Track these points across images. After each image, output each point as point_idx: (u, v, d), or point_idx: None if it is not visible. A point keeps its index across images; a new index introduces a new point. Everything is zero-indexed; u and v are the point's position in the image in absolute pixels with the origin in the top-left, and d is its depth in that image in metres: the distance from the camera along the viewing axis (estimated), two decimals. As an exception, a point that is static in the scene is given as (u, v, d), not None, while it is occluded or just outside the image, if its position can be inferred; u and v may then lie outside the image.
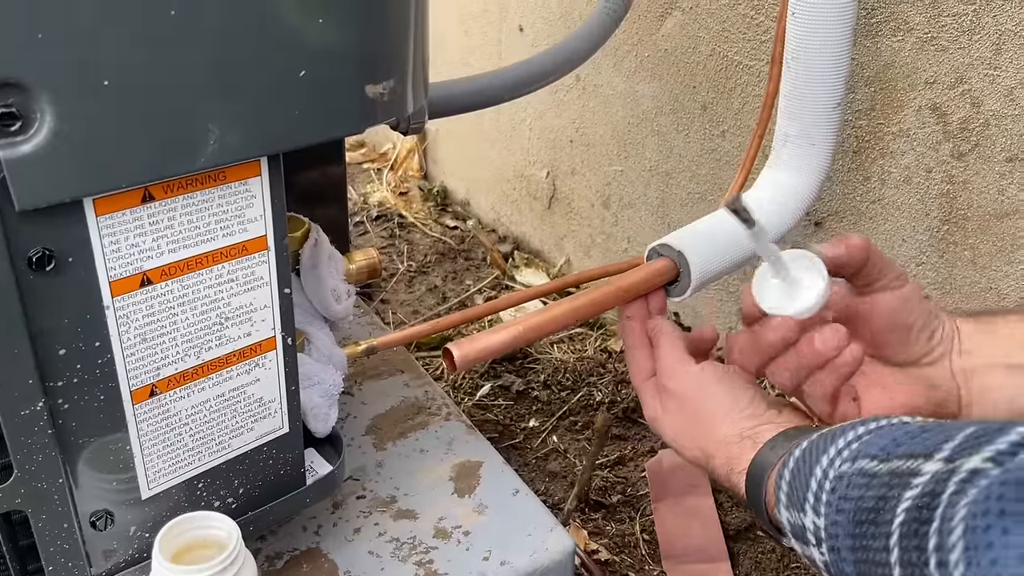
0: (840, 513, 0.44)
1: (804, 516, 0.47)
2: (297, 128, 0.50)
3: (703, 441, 0.60)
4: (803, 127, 0.84)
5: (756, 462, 0.55)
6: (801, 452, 0.50)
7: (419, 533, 0.73)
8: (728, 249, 0.75)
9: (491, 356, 0.65)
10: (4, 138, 0.40)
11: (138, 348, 0.51)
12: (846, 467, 0.45)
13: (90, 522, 0.53)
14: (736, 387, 0.60)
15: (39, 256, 0.45)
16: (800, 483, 0.48)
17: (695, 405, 0.61)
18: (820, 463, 0.47)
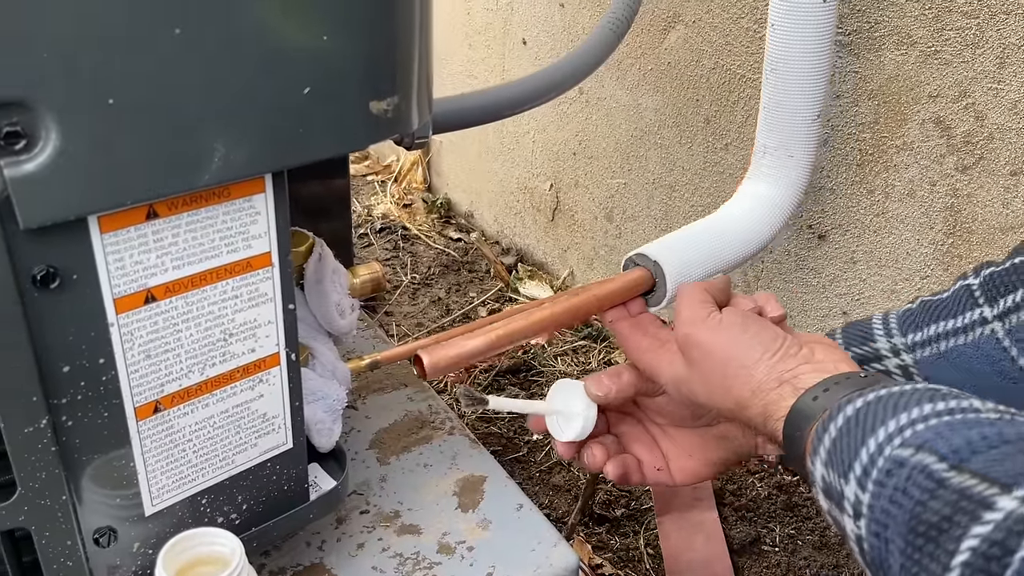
0: (895, 505, 0.42)
1: (846, 484, 0.45)
2: (301, 145, 0.50)
3: (738, 391, 0.56)
4: (781, 139, 0.84)
5: (796, 410, 0.52)
6: (855, 412, 0.47)
7: (423, 548, 0.73)
8: (708, 257, 0.76)
9: (464, 363, 0.65)
10: (9, 157, 0.41)
11: (142, 365, 0.51)
12: (907, 453, 0.43)
13: (93, 539, 0.53)
14: (764, 330, 0.58)
15: (43, 274, 0.45)
16: (848, 447, 0.46)
17: (727, 355, 0.57)
18: (875, 435, 0.45)
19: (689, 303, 0.61)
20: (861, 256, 1.04)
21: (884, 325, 0.65)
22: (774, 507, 1.08)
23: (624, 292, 0.70)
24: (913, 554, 0.40)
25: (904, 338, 0.63)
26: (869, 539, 0.43)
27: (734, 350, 0.57)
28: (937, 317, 0.62)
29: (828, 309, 1.10)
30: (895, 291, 1.01)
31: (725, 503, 1.07)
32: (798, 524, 1.06)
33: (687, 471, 0.69)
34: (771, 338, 0.57)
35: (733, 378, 0.57)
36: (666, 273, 0.71)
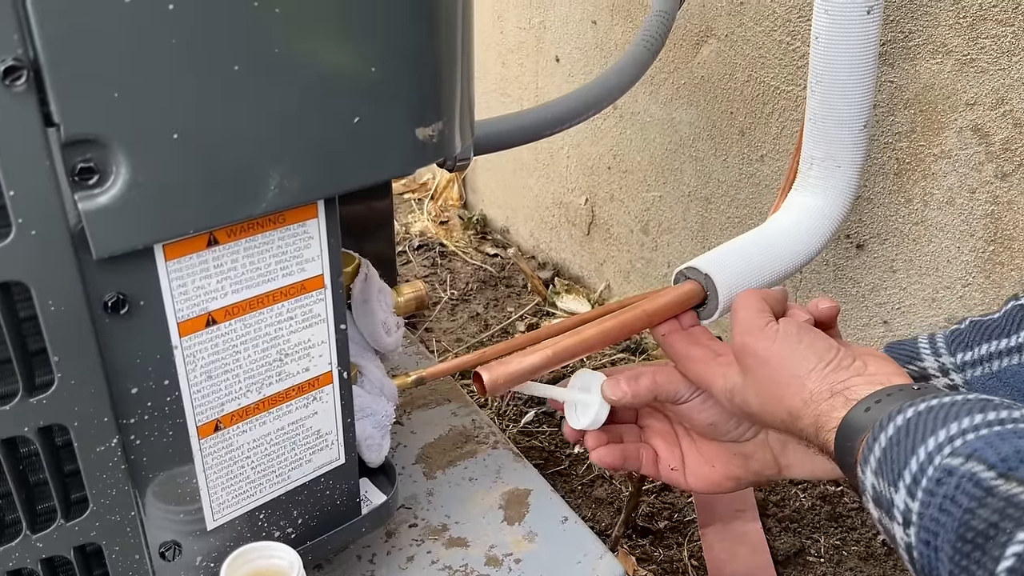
0: (944, 513, 0.42)
1: (896, 492, 0.45)
2: (351, 171, 0.52)
3: (790, 401, 0.57)
4: (828, 149, 0.84)
5: (848, 421, 0.52)
6: (905, 422, 0.47)
7: (471, 561, 0.74)
8: (758, 270, 0.76)
9: (522, 380, 0.66)
10: (83, 191, 0.43)
11: (204, 385, 0.53)
12: (957, 462, 0.43)
13: (160, 553, 0.55)
14: (818, 340, 0.58)
15: (114, 300, 0.47)
16: (898, 456, 0.46)
17: (780, 363, 0.58)
18: (926, 444, 0.45)
19: (746, 311, 0.61)
20: (901, 265, 1.04)
21: (931, 344, 0.64)
22: (818, 518, 1.08)
23: (675, 306, 0.70)
24: (961, 561, 0.40)
25: (953, 357, 0.62)
26: (919, 547, 0.44)
27: (788, 360, 0.57)
28: (988, 336, 0.61)
29: (868, 319, 1.10)
30: (936, 299, 1.01)
31: (768, 514, 1.07)
32: (843, 535, 1.06)
33: (704, 478, 0.70)
34: (825, 348, 0.57)
35: (786, 387, 0.57)
36: (717, 286, 0.72)
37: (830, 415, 0.54)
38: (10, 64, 0.38)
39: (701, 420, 0.68)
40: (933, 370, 0.63)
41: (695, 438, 0.71)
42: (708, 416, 0.67)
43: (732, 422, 0.67)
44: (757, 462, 0.68)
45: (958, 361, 0.62)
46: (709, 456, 0.70)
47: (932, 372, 0.63)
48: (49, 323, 0.45)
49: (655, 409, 0.73)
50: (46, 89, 0.40)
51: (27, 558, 0.50)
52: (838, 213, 0.87)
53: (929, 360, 0.63)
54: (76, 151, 0.42)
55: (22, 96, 0.39)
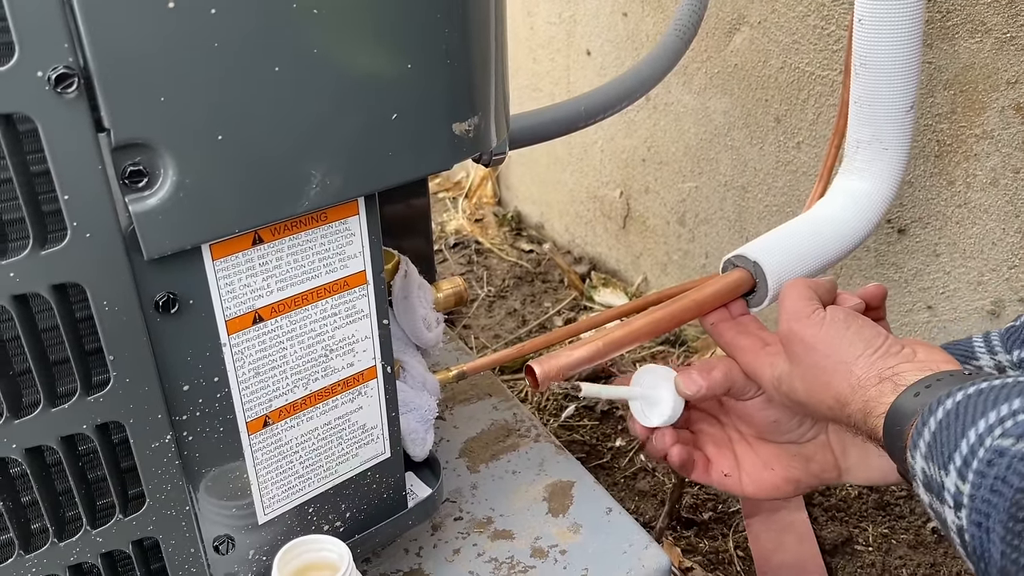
0: (995, 494, 0.42)
1: (946, 475, 0.45)
2: (390, 168, 0.53)
3: (837, 387, 0.56)
4: (875, 132, 0.83)
5: (897, 406, 0.51)
6: (955, 405, 0.47)
7: (516, 553, 0.74)
8: (806, 256, 0.76)
9: (572, 372, 0.66)
10: (133, 193, 0.44)
11: (252, 381, 0.55)
12: (1008, 443, 0.43)
13: (214, 547, 0.57)
14: (866, 327, 0.58)
15: (164, 300, 0.48)
16: (948, 439, 0.46)
17: (828, 350, 0.57)
18: (976, 426, 0.45)
19: (794, 298, 0.61)
20: (944, 248, 1.02)
21: (986, 343, 0.63)
22: (865, 506, 1.07)
23: (724, 294, 0.70)
24: (1013, 540, 0.40)
25: (1009, 355, 0.61)
26: (971, 529, 0.44)
27: (836, 346, 0.57)
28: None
29: (912, 304, 1.08)
30: (982, 283, 0.99)
31: (814, 503, 1.06)
32: (891, 523, 1.04)
33: (762, 483, 0.68)
34: (873, 335, 0.57)
35: (833, 373, 0.57)
36: (766, 273, 0.71)
37: (879, 401, 0.53)
38: (62, 72, 0.40)
39: (765, 417, 0.67)
40: (989, 368, 0.62)
41: (751, 441, 0.70)
42: (772, 413, 0.67)
43: (795, 420, 0.67)
44: (817, 464, 0.67)
45: (1015, 358, 0.61)
46: (767, 459, 0.69)
47: (989, 370, 0.62)
48: (104, 323, 0.46)
49: (708, 413, 0.73)
50: (96, 96, 0.41)
51: (88, 553, 0.52)
52: (886, 197, 0.86)
53: (985, 359, 0.62)
54: (126, 155, 0.43)
55: (74, 103, 0.41)
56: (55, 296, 0.45)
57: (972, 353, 0.63)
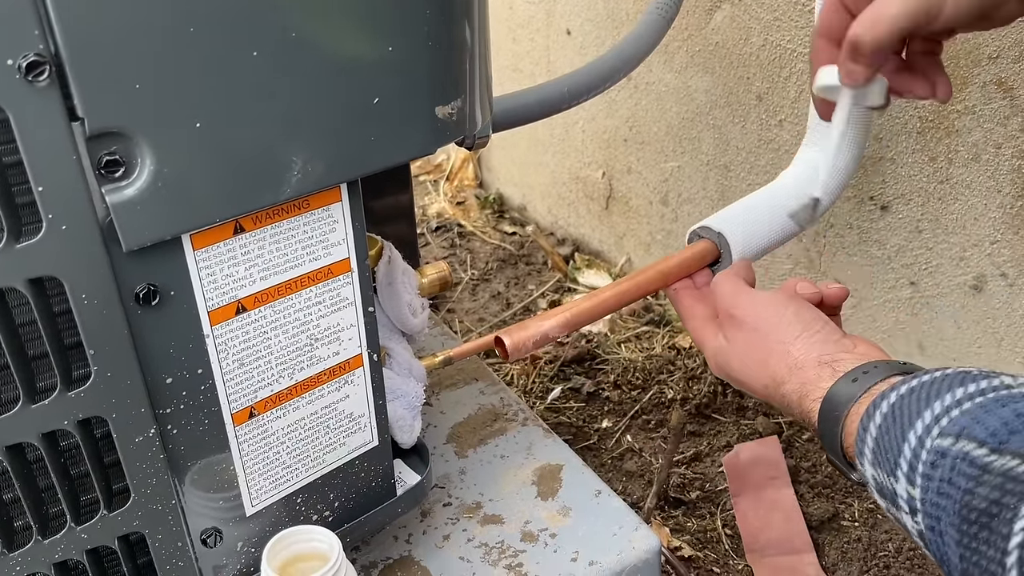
0: (943, 497, 0.42)
1: (896, 483, 0.46)
2: (373, 153, 0.52)
3: (774, 367, 0.57)
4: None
5: (834, 392, 0.52)
6: (890, 409, 0.47)
7: (506, 537, 0.74)
8: (769, 227, 0.77)
9: (542, 343, 0.67)
10: (110, 183, 0.43)
11: (236, 373, 0.54)
12: (948, 443, 0.43)
13: (201, 540, 0.56)
14: (804, 309, 0.59)
15: (145, 292, 0.47)
16: (890, 445, 0.46)
17: (766, 329, 0.59)
18: (914, 428, 0.45)
19: (727, 278, 0.63)
20: (927, 225, 1.03)
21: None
22: (851, 483, 1.07)
23: (690, 264, 0.72)
24: (970, 543, 0.40)
25: None
26: (929, 534, 0.44)
27: (775, 325, 0.58)
28: None
29: (895, 280, 1.09)
30: (964, 258, 1.00)
31: (800, 480, 1.07)
32: (876, 498, 1.05)
33: None
34: (812, 318, 0.58)
35: (770, 353, 0.58)
36: (731, 243, 0.73)
37: (816, 384, 0.54)
38: (32, 60, 0.38)
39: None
40: None
41: None
42: None
43: None
44: None
45: None
46: None
47: None
48: (83, 317, 0.45)
49: None
50: (69, 84, 0.40)
51: (73, 550, 0.51)
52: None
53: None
54: (101, 144, 0.42)
55: (45, 91, 0.40)
56: (32, 290, 0.44)
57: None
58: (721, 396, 1.21)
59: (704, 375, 1.24)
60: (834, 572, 0.97)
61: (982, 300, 1.00)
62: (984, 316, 1.00)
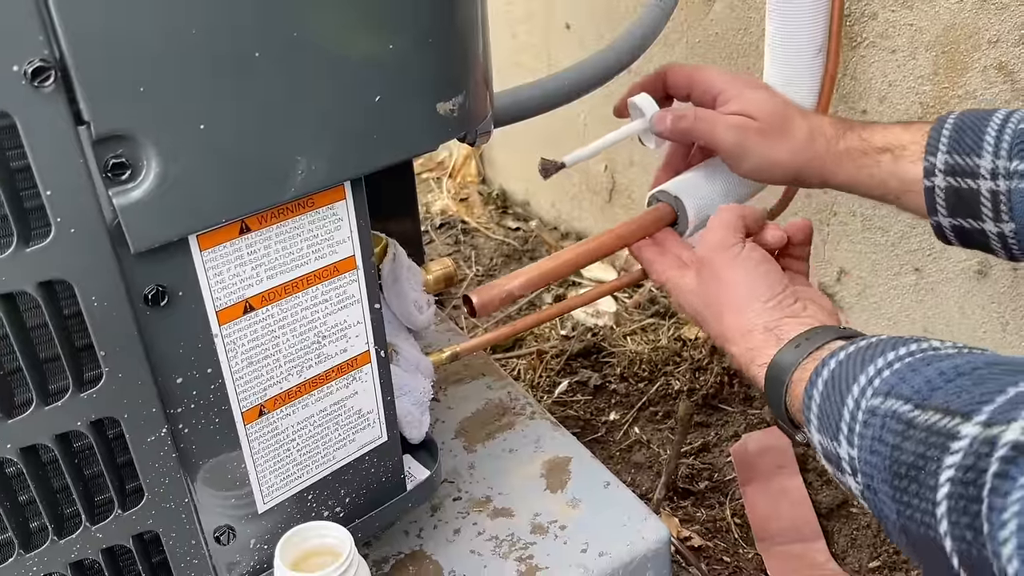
0: (874, 455, 0.44)
1: (839, 446, 0.48)
2: (376, 151, 0.52)
3: (728, 324, 0.62)
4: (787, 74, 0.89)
5: (777, 361, 0.56)
6: (830, 375, 0.50)
7: (516, 530, 0.75)
8: (724, 191, 0.79)
9: (507, 301, 0.71)
10: (117, 186, 0.44)
11: (245, 371, 0.54)
12: (877, 401, 0.45)
13: (215, 537, 0.57)
14: (772, 273, 0.62)
15: (153, 293, 0.48)
16: (831, 411, 0.49)
17: (732, 284, 0.62)
18: (851, 392, 0.48)
19: (719, 226, 0.65)
20: (929, 211, 1.02)
21: (997, 139, 0.63)
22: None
23: (648, 227, 0.75)
24: (902, 497, 0.42)
25: (1009, 163, 0.62)
26: (867, 493, 0.46)
27: (740, 285, 0.62)
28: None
29: (900, 267, 1.09)
30: (968, 243, 1.00)
31: (809, 469, 1.07)
32: (885, 485, 1.06)
33: None
34: (775, 281, 0.62)
35: (728, 309, 0.62)
36: (687, 206, 0.75)
37: (763, 351, 0.58)
38: (38, 65, 0.39)
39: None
40: (985, 171, 0.63)
41: None
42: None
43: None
44: None
45: (1011, 168, 0.62)
46: None
47: (983, 173, 0.63)
48: (93, 319, 0.46)
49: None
50: (74, 88, 0.40)
51: (88, 549, 0.51)
52: None
53: (987, 159, 0.63)
54: (107, 147, 0.43)
55: (51, 97, 0.40)
56: (42, 293, 0.44)
57: (979, 147, 0.64)
58: (728, 387, 1.21)
59: (711, 366, 1.24)
60: (844, 559, 0.97)
61: (987, 285, 1.00)
62: (989, 301, 1.00)
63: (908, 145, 0.68)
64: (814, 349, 0.54)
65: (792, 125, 0.70)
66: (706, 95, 0.74)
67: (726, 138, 0.70)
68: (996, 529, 0.35)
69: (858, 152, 0.69)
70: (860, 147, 0.69)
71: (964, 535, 0.37)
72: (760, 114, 0.70)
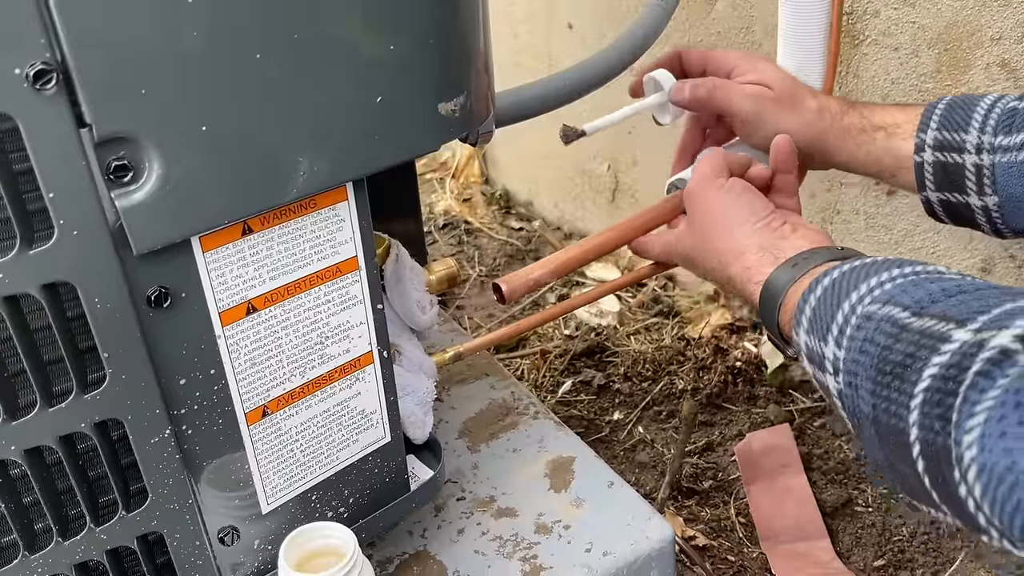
0: (863, 354, 0.46)
1: (825, 346, 0.50)
2: (378, 152, 0.52)
3: (721, 248, 0.64)
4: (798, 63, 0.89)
5: (775, 276, 0.58)
6: (831, 282, 0.52)
7: (520, 530, 0.75)
8: None
9: (533, 288, 0.74)
10: (119, 188, 0.44)
11: (249, 372, 0.54)
12: (875, 308, 0.47)
13: (219, 538, 0.57)
14: (756, 199, 0.65)
15: (156, 295, 0.48)
16: (825, 313, 0.50)
17: (719, 213, 0.65)
18: (849, 298, 0.49)
19: (705, 164, 0.68)
20: (933, 208, 1.02)
21: (984, 117, 0.66)
22: (863, 467, 1.08)
23: (666, 214, 0.76)
24: (881, 391, 0.43)
25: (994, 138, 0.64)
26: (846, 390, 0.47)
27: (726, 210, 0.64)
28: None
29: (903, 265, 1.08)
30: (972, 240, 1.00)
31: (813, 468, 1.07)
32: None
33: None
34: (761, 207, 0.64)
35: (718, 236, 0.64)
36: None
37: (759, 269, 0.60)
38: (40, 68, 0.39)
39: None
40: (971, 146, 0.66)
41: None
42: None
43: None
44: None
45: (996, 143, 0.65)
46: None
47: (968, 148, 0.66)
48: (97, 320, 0.46)
49: None
50: (76, 91, 0.40)
51: (93, 550, 0.52)
52: None
53: (973, 134, 0.66)
54: (109, 150, 0.43)
55: (53, 99, 0.40)
56: (45, 295, 0.44)
57: (967, 123, 0.66)
58: (732, 386, 1.21)
59: (715, 365, 1.24)
60: (849, 558, 0.97)
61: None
62: (993, 298, 1.00)
63: (902, 124, 0.71)
64: (812, 267, 0.56)
65: (803, 99, 0.74)
66: (721, 70, 0.77)
67: (743, 106, 0.73)
68: (964, 419, 0.36)
69: (857, 129, 0.72)
70: (860, 124, 0.72)
71: (933, 425, 0.39)
72: (775, 85, 0.74)
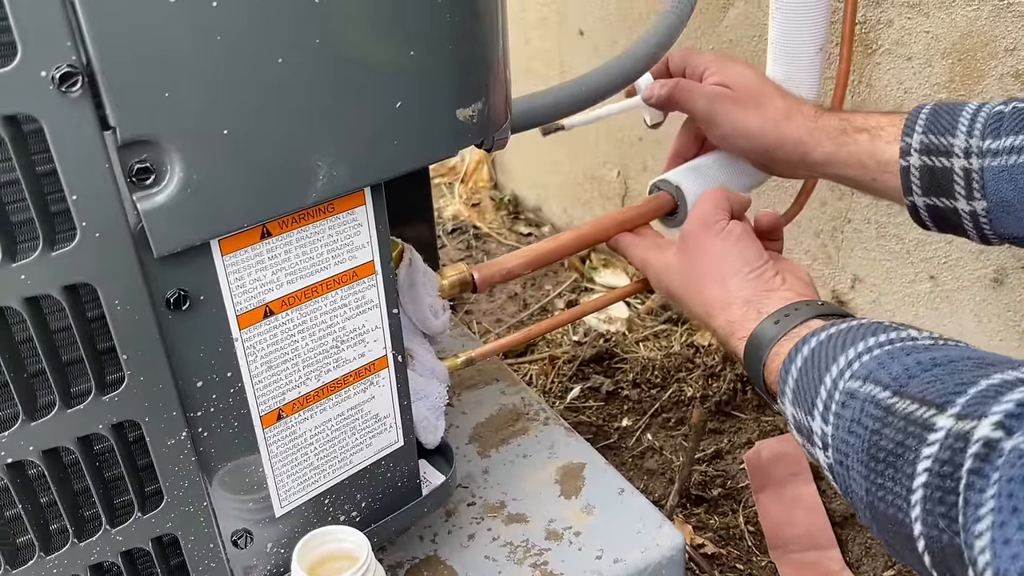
0: (852, 435, 0.46)
1: (812, 420, 0.50)
2: (396, 157, 0.53)
3: (708, 298, 0.64)
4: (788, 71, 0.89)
5: (758, 333, 0.58)
6: (810, 351, 0.52)
7: (531, 536, 0.75)
8: (726, 182, 0.80)
9: (507, 278, 0.74)
10: (141, 191, 0.44)
11: (265, 375, 0.54)
12: (857, 385, 0.47)
13: (232, 541, 0.57)
14: (751, 247, 0.65)
15: (176, 297, 0.48)
16: (808, 387, 0.51)
17: (713, 258, 0.65)
18: (830, 372, 0.50)
19: (707, 203, 0.68)
20: (945, 218, 1.02)
21: (971, 121, 0.66)
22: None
23: (647, 214, 0.77)
24: (876, 479, 0.44)
25: (982, 142, 0.64)
26: (837, 468, 0.48)
27: (721, 257, 0.64)
28: (1019, 129, 0.63)
29: (915, 275, 1.08)
30: (984, 251, 0.99)
31: (822, 476, 1.07)
32: (899, 493, 1.05)
33: None
34: (755, 256, 0.64)
35: (709, 283, 0.64)
36: (687, 195, 0.78)
37: (743, 324, 0.60)
38: (65, 71, 0.39)
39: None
40: (959, 150, 0.65)
41: None
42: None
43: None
44: None
45: (984, 147, 0.64)
46: None
47: (957, 152, 0.65)
48: (116, 322, 0.46)
49: None
50: (100, 94, 0.41)
51: (108, 552, 0.52)
52: None
53: (960, 138, 0.65)
54: (132, 152, 0.43)
55: (78, 102, 0.40)
56: (66, 297, 0.44)
57: (954, 127, 0.66)
58: (741, 393, 1.21)
59: (724, 372, 1.24)
60: (858, 568, 0.97)
61: (1003, 293, 0.99)
62: (1005, 309, 1.00)
63: (886, 127, 0.70)
64: (793, 327, 0.56)
65: (767, 100, 0.74)
66: (695, 71, 0.79)
67: (698, 105, 0.76)
68: (971, 523, 0.37)
69: (837, 130, 0.72)
70: (839, 126, 0.72)
71: (937, 523, 0.39)
72: (736, 85, 0.75)
